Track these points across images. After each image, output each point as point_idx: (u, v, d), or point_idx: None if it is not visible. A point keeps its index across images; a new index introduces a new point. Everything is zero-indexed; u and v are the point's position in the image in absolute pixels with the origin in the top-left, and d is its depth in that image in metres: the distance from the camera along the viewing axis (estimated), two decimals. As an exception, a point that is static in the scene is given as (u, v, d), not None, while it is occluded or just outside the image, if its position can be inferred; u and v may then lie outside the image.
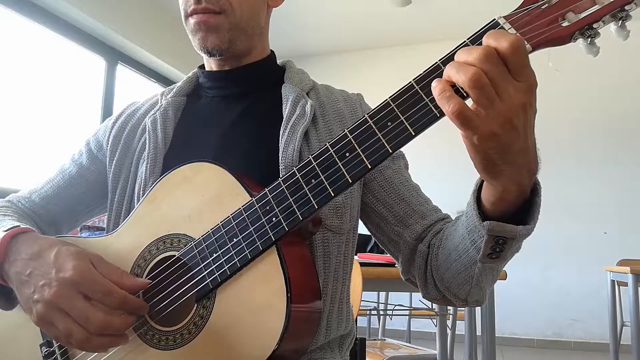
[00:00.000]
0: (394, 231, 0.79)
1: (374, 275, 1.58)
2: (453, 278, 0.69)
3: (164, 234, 0.68)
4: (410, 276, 0.80)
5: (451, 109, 0.47)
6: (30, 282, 0.63)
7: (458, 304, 0.74)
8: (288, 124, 0.78)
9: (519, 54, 0.47)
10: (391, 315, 2.65)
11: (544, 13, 0.50)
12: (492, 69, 0.47)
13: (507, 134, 0.48)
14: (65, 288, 0.59)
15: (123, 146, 0.86)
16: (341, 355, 0.81)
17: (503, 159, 0.51)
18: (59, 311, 0.59)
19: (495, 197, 0.56)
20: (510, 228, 0.56)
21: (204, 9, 0.77)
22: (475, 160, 0.52)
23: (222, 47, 0.80)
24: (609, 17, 0.49)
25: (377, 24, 4.72)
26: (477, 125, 0.48)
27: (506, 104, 0.47)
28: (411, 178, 0.84)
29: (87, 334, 0.58)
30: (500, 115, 0.47)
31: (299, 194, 0.59)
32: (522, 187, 0.55)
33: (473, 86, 0.46)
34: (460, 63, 0.48)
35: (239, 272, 0.61)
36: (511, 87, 0.47)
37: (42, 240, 0.67)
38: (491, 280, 0.68)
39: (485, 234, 0.57)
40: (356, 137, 0.56)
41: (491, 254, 0.60)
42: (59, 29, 3.35)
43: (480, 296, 0.71)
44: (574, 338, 4.28)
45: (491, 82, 0.47)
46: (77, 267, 0.60)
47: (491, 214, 0.57)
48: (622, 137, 4.39)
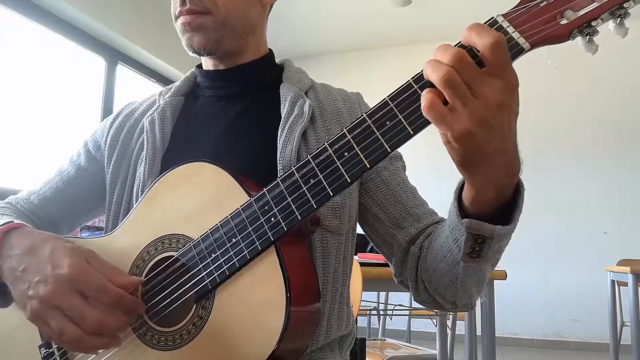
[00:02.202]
0: (388, 233, 0.79)
1: (374, 275, 1.58)
2: (440, 279, 0.69)
3: (162, 234, 0.67)
4: (403, 278, 0.80)
5: (424, 104, 0.48)
6: (25, 278, 0.62)
7: (448, 307, 0.74)
8: (286, 124, 0.78)
9: (498, 53, 0.46)
10: (391, 315, 2.65)
11: (542, 11, 0.50)
12: (465, 68, 0.46)
13: (482, 134, 0.48)
14: (61, 285, 0.59)
15: (121, 147, 0.86)
16: (341, 356, 0.81)
17: (479, 158, 0.50)
18: (55, 308, 0.59)
19: (473, 195, 0.55)
20: (488, 227, 0.55)
21: (188, 10, 0.77)
22: (452, 157, 0.52)
23: (208, 46, 0.80)
24: (607, 14, 0.49)
25: (377, 24, 4.72)
26: (451, 122, 0.47)
27: (481, 103, 0.47)
28: (408, 180, 0.84)
29: (81, 332, 0.58)
30: (475, 115, 0.47)
31: (297, 194, 0.59)
32: (501, 188, 0.54)
33: (445, 85, 0.46)
34: (435, 61, 0.48)
35: (238, 273, 0.61)
36: (487, 87, 0.47)
37: (36, 235, 0.67)
38: (476, 281, 0.66)
39: (464, 232, 0.57)
40: (355, 136, 0.56)
41: (471, 252, 0.59)
42: (59, 29, 3.35)
43: (467, 299, 0.70)
44: (574, 338, 4.28)
45: (465, 82, 0.46)
46: (73, 264, 0.60)
47: (471, 212, 0.57)
48: (622, 137, 4.39)
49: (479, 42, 0.47)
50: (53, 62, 3.42)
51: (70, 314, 0.58)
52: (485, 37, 0.46)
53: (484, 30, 0.47)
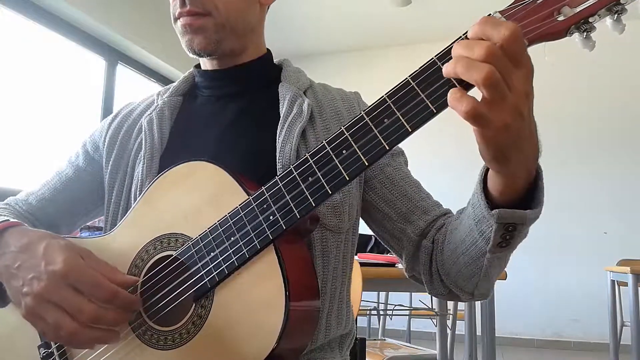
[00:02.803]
0: (397, 228, 0.79)
1: (374, 275, 1.58)
2: (460, 272, 0.69)
3: (161, 233, 0.67)
4: (415, 273, 0.80)
5: (465, 109, 0.47)
6: (19, 275, 0.62)
7: (464, 297, 0.74)
8: (285, 123, 0.78)
9: (518, 43, 0.47)
10: (391, 315, 2.65)
11: (539, 8, 0.50)
12: (502, 63, 0.47)
13: (516, 123, 0.49)
14: (55, 281, 0.59)
15: (119, 147, 0.86)
16: (341, 355, 0.81)
17: (513, 148, 0.51)
18: (49, 303, 0.59)
19: (504, 185, 0.56)
20: (519, 214, 0.56)
21: (188, 12, 0.77)
22: (486, 152, 0.52)
23: (209, 48, 0.79)
24: (604, 10, 0.49)
25: (377, 24, 4.72)
26: (490, 119, 0.48)
27: (515, 95, 0.48)
28: (411, 174, 0.85)
29: (77, 325, 0.58)
30: (511, 107, 0.48)
31: (295, 192, 0.59)
32: (529, 171, 0.55)
33: (489, 84, 0.46)
34: (466, 59, 0.47)
35: (237, 271, 0.61)
36: (515, 77, 0.48)
37: (32, 233, 0.67)
38: (499, 270, 0.68)
39: (494, 223, 0.57)
40: (353, 134, 0.56)
41: (501, 242, 0.59)
42: (59, 29, 3.35)
43: (486, 289, 0.71)
44: (574, 338, 4.28)
45: (502, 77, 0.47)
46: (67, 259, 0.60)
47: (500, 202, 0.57)
48: (622, 137, 4.39)
49: (497, 34, 0.47)
50: (53, 62, 3.42)
51: (66, 308, 0.59)
52: (504, 29, 0.47)
53: (499, 22, 0.47)
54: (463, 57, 0.48)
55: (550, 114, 4.32)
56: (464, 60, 0.48)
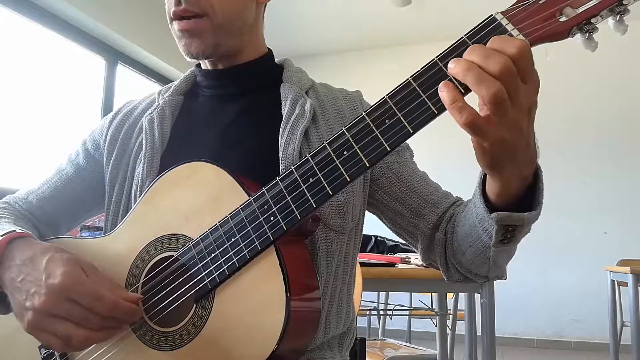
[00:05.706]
0: (410, 223, 0.80)
1: (374, 275, 1.58)
2: (470, 262, 0.72)
3: (161, 234, 0.67)
4: (432, 261, 0.82)
5: (464, 120, 0.48)
6: (22, 289, 0.62)
7: (480, 281, 0.77)
8: (288, 124, 0.78)
9: (527, 59, 0.48)
10: (391, 315, 2.64)
11: (541, 8, 0.50)
12: (512, 81, 0.47)
13: (514, 137, 0.50)
14: (54, 295, 0.59)
15: (120, 146, 0.85)
16: (341, 355, 0.81)
17: (507, 158, 0.53)
18: (53, 317, 0.59)
19: (499, 188, 0.57)
20: (517, 216, 0.57)
21: (184, 11, 0.76)
22: (481, 159, 0.54)
23: (207, 51, 0.79)
24: (606, 11, 0.49)
25: (377, 24, 4.72)
26: (489, 132, 0.49)
27: (517, 110, 0.48)
28: (417, 167, 0.85)
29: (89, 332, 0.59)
30: (510, 122, 0.49)
31: (296, 193, 0.59)
32: (523, 177, 0.56)
33: (495, 102, 0.47)
34: (480, 71, 0.47)
35: (238, 272, 0.61)
36: (521, 94, 0.48)
37: (37, 246, 0.66)
38: (507, 258, 0.69)
39: (494, 224, 0.59)
40: (354, 135, 0.56)
41: (503, 239, 0.61)
42: (59, 29, 3.34)
43: (499, 272, 0.73)
44: (574, 338, 4.28)
45: (508, 95, 0.47)
46: (66, 272, 0.60)
47: (498, 205, 0.59)
48: (622, 137, 4.39)
49: (508, 50, 0.47)
50: (53, 62, 3.42)
51: (73, 318, 0.59)
52: (512, 46, 0.47)
53: (508, 40, 0.48)
54: (475, 66, 0.48)
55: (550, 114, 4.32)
56: (476, 71, 0.48)
